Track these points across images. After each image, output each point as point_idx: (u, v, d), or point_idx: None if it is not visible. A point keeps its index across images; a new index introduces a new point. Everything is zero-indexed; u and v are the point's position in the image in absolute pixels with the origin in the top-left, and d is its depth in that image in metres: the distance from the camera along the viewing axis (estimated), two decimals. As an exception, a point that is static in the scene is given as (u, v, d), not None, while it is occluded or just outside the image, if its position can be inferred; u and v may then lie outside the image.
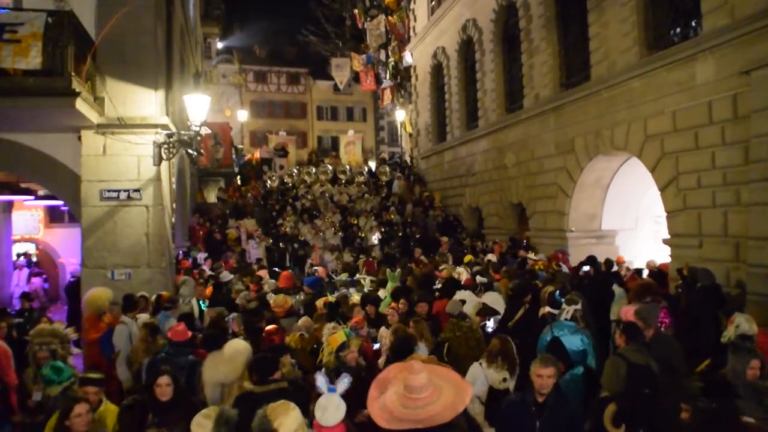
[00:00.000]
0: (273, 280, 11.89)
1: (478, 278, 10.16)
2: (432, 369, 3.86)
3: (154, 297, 9.45)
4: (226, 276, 11.91)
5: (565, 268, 11.54)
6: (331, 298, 9.41)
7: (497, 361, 5.73)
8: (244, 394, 5.00)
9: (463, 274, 11.15)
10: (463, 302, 7.80)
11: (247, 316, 8.27)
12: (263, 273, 12.72)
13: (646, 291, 8.05)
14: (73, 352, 6.52)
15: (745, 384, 5.22)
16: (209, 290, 10.99)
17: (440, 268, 11.93)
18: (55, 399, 5.31)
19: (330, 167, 24.94)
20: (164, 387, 4.97)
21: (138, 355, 7.03)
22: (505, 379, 5.69)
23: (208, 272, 12.71)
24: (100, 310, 8.70)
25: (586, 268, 10.98)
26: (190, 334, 6.59)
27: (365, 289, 11.05)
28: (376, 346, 7.28)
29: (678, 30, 11.24)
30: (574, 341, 6.49)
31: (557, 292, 7.65)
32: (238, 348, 5.92)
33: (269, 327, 7.15)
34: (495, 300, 7.99)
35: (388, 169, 25.25)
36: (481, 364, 5.82)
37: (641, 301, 7.77)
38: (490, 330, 7.54)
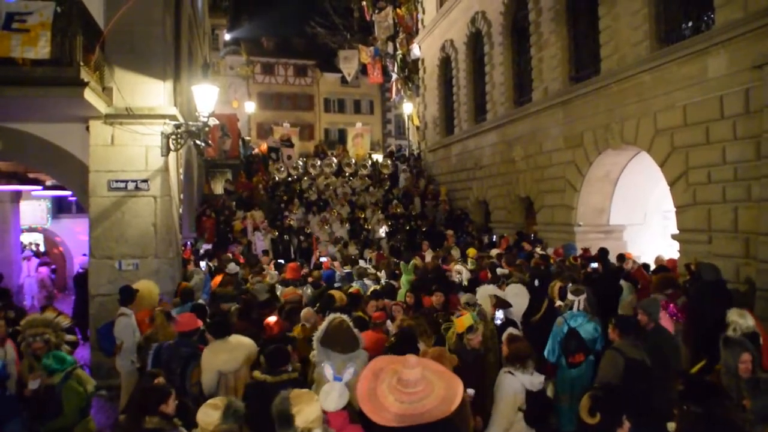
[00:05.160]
0: (276, 272, 11.87)
1: (499, 270, 10.03)
2: (424, 363, 3.78)
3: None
4: (233, 268, 11.90)
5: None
6: (354, 287, 9.37)
7: (529, 364, 5.28)
8: (256, 382, 5.01)
9: (463, 272, 10.84)
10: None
11: (256, 306, 8.27)
12: (270, 266, 12.72)
13: (668, 284, 8.02)
14: (67, 338, 6.41)
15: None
16: (216, 281, 11.02)
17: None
18: (56, 386, 5.37)
19: (335, 160, 24.91)
20: None
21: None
22: (541, 382, 5.28)
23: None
24: (152, 305, 8.21)
25: (594, 264, 10.90)
26: (198, 324, 6.59)
27: (382, 281, 10.89)
28: None
29: (690, 23, 11.12)
30: (588, 330, 6.56)
31: (567, 286, 7.60)
32: (242, 341, 6.12)
33: (268, 319, 7.15)
34: (518, 292, 7.83)
35: (389, 162, 25.18)
36: (511, 372, 5.24)
37: (662, 293, 7.76)
38: (498, 322, 7.46)
